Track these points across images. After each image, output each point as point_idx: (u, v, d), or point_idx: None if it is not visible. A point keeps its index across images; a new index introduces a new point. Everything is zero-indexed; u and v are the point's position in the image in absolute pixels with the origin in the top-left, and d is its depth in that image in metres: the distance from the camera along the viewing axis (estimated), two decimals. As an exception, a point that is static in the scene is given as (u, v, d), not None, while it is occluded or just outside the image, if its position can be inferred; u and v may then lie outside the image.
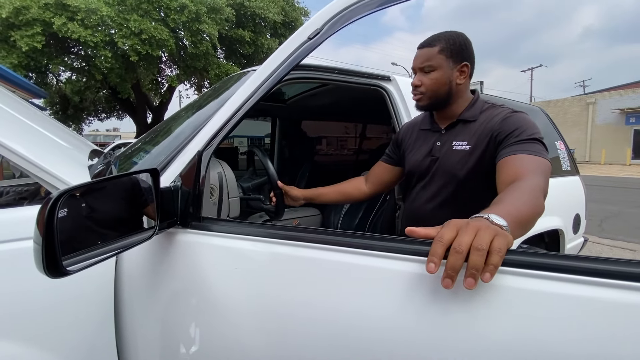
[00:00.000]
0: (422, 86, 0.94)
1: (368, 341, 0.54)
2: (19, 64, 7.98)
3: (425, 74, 0.94)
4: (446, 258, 0.44)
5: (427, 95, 0.94)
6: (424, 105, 0.97)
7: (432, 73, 0.93)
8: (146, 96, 13.15)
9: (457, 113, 0.96)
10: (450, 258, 0.43)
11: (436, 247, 0.44)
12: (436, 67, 0.92)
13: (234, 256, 0.67)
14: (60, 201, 0.50)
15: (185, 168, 0.74)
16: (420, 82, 0.94)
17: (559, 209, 1.89)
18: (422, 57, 0.93)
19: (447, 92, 0.93)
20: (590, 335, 0.41)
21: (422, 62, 0.93)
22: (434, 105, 0.96)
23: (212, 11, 9.49)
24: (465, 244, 0.42)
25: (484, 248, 0.42)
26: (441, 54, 0.91)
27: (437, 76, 0.92)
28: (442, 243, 0.44)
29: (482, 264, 0.42)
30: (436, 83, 0.92)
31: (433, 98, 0.94)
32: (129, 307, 0.76)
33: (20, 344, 0.69)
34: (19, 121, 1.00)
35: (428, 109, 0.99)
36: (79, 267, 0.52)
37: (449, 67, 0.92)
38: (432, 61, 0.92)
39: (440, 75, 0.92)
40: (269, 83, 0.75)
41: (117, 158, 1.25)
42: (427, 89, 0.94)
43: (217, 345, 0.68)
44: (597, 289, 0.42)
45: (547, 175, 0.74)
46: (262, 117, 2.84)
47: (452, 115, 0.97)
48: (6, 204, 1.26)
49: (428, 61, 0.92)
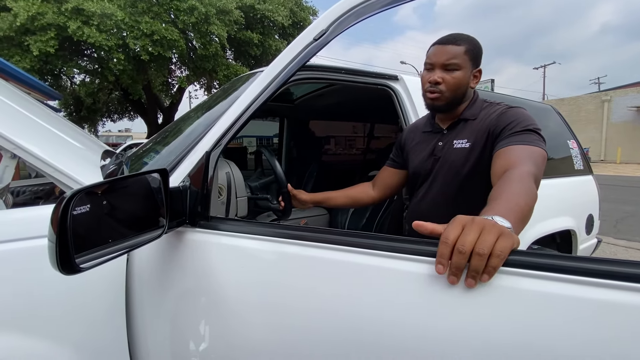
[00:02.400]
0: (444, 84, 0.89)
1: (373, 339, 0.54)
2: (32, 68, 8.17)
3: (447, 71, 0.89)
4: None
5: (446, 96, 0.90)
6: (441, 106, 0.92)
7: (455, 72, 0.88)
8: (157, 97, 13.36)
9: (459, 112, 0.96)
10: (454, 258, 0.45)
11: (443, 249, 0.46)
12: (461, 66, 0.88)
13: (241, 255, 0.68)
14: (74, 200, 0.51)
15: (194, 168, 0.75)
16: (442, 79, 0.89)
17: (571, 209, 1.85)
18: (448, 53, 0.88)
19: (463, 95, 0.92)
20: (600, 337, 0.41)
21: (447, 58, 0.88)
22: (449, 106, 0.93)
23: (221, 13, 9.59)
24: (469, 244, 0.44)
25: (485, 252, 0.43)
26: (466, 54, 0.88)
27: (460, 76, 0.89)
28: (448, 244, 0.45)
29: (482, 267, 0.44)
30: (458, 83, 0.89)
31: (451, 99, 0.91)
32: (139, 304, 0.78)
33: (38, 339, 0.71)
34: (35, 123, 1.04)
35: (442, 109, 0.94)
36: (91, 265, 0.53)
37: (469, 70, 0.90)
38: (458, 59, 0.88)
39: (463, 76, 0.89)
40: (276, 84, 0.75)
41: (129, 158, 1.28)
42: (448, 88, 0.89)
43: (225, 341, 0.69)
44: (607, 291, 0.41)
45: (539, 161, 0.73)
46: (271, 118, 2.86)
47: (454, 115, 0.97)
48: (22, 203, 1.30)
49: (454, 59, 0.88)
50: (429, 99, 0.92)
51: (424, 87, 0.94)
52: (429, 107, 0.96)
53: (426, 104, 0.96)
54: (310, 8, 12.84)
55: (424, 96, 0.95)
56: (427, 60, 0.92)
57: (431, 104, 0.94)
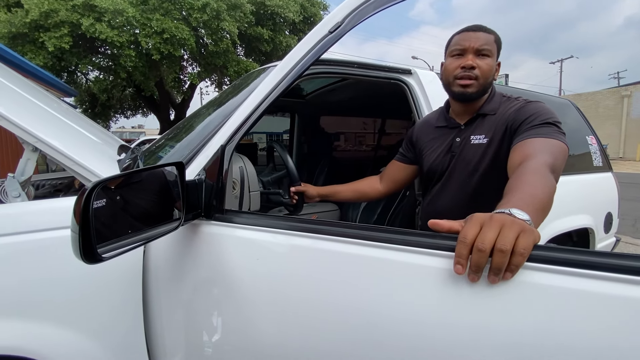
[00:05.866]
0: (478, 69, 0.86)
1: (385, 333, 0.54)
2: (45, 64, 8.34)
3: (482, 57, 0.87)
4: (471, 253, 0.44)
5: (480, 82, 0.87)
6: (473, 93, 0.88)
7: (488, 59, 0.87)
8: (169, 93, 13.54)
9: (477, 107, 0.94)
10: (474, 256, 0.43)
11: (461, 249, 0.44)
12: (492, 54, 0.88)
13: (255, 247, 0.69)
14: (95, 192, 0.52)
15: (209, 162, 0.76)
16: (476, 64, 0.86)
17: (589, 206, 1.80)
18: (482, 39, 0.86)
19: (490, 84, 0.90)
20: (625, 333, 0.40)
21: (482, 44, 0.86)
22: (479, 94, 0.89)
23: (232, 8, 9.61)
24: (489, 242, 0.42)
25: (507, 249, 0.42)
26: (495, 43, 0.89)
27: (492, 64, 0.88)
28: (466, 244, 0.44)
29: (504, 264, 0.42)
30: (490, 70, 0.88)
31: (482, 86, 0.88)
32: (155, 294, 0.79)
33: (59, 327, 0.74)
34: (55, 118, 1.06)
35: (473, 97, 0.89)
36: (112, 255, 0.55)
37: (496, 60, 0.90)
38: (490, 46, 0.87)
39: (493, 64, 0.89)
40: (290, 77, 0.75)
41: (143, 154, 1.30)
42: (482, 73, 0.86)
43: (238, 331, 0.71)
44: (626, 286, 0.40)
45: (558, 154, 0.71)
46: (281, 113, 2.86)
47: (473, 109, 0.94)
48: (42, 195, 1.34)
49: (488, 45, 0.86)
50: (461, 85, 0.88)
51: (452, 74, 0.90)
52: (458, 95, 0.90)
53: (455, 93, 0.91)
54: (321, 3, 12.76)
55: (452, 84, 0.91)
56: (457, 47, 0.89)
57: (462, 92, 0.89)
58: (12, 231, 0.71)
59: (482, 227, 0.44)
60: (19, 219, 0.73)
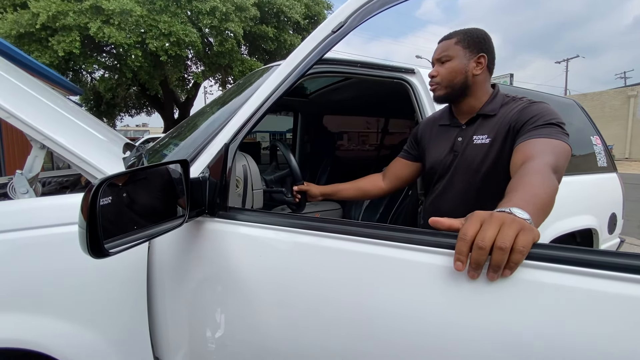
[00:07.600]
0: (438, 76, 0.96)
1: (387, 329, 0.55)
2: (51, 63, 8.40)
3: (441, 64, 0.95)
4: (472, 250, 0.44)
5: (443, 85, 0.95)
6: (440, 95, 0.98)
7: (447, 63, 0.95)
8: (173, 92, 13.59)
9: (477, 107, 0.95)
10: (474, 254, 0.44)
11: (461, 246, 0.45)
12: (452, 57, 0.94)
13: (258, 244, 0.70)
14: (102, 188, 0.54)
15: (213, 160, 0.77)
16: (437, 72, 0.96)
17: (593, 207, 1.79)
18: (440, 49, 0.96)
19: (463, 82, 0.94)
20: (625, 332, 0.40)
21: (439, 53, 0.96)
22: (450, 95, 0.97)
23: (239, 10, 9.62)
24: (489, 239, 0.43)
25: (507, 246, 0.42)
26: (457, 44, 0.93)
27: (452, 65, 0.94)
28: (466, 241, 0.44)
29: (504, 261, 0.43)
30: (451, 72, 0.94)
31: (449, 88, 0.95)
32: (160, 289, 0.81)
33: (66, 321, 0.75)
34: (62, 116, 1.08)
35: (445, 99, 0.99)
36: (118, 250, 0.56)
37: (465, 57, 0.93)
38: (449, 51, 0.94)
39: (456, 64, 0.93)
40: (293, 76, 0.76)
41: (147, 152, 1.31)
42: (442, 78, 0.95)
43: (241, 326, 0.72)
44: (626, 284, 0.41)
45: (560, 154, 0.71)
46: (284, 112, 2.87)
47: (471, 109, 0.96)
48: (49, 192, 1.36)
49: (445, 52, 0.94)
50: (431, 91, 1.01)
51: None
52: (433, 99, 1.02)
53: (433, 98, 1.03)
54: (324, 2, 12.73)
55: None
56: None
57: (433, 96, 1.01)
58: (21, 226, 0.72)
59: (482, 225, 0.45)
60: (27, 215, 0.75)
